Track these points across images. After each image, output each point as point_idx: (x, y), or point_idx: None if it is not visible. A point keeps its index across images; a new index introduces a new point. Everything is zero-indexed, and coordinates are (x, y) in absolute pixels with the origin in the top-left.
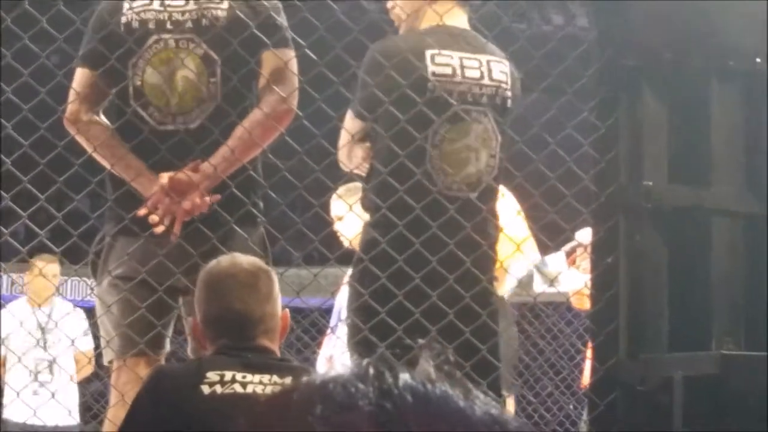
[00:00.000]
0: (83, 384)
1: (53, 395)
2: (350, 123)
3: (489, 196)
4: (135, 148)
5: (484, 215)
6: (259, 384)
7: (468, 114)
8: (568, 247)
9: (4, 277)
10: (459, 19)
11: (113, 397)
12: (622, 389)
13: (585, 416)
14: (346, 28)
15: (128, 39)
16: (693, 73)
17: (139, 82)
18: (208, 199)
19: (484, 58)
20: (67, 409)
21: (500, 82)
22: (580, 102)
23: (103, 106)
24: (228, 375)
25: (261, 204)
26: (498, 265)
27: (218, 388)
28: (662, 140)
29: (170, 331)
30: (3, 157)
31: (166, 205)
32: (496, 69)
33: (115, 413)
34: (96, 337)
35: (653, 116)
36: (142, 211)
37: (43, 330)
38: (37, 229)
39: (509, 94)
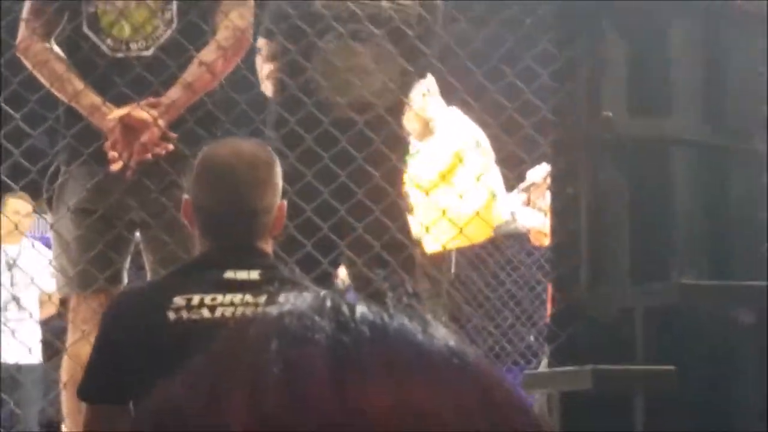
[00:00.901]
0: (45, 322)
1: (13, 333)
2: (261, 42)
3: (384, 120)
4: (90, 76)
5: (377, 138)
6: (230, 306)
7: (359, 35)
8: (522, 186)
9: None
10: None
11: (72, 333)
12: (584, 321)
13: (546, 348)
14: None
15: None
16: (652, 4)
17: (92, 9)
18: (167, 145)
19: None
20: (29, 346)
21: (402, 4)
22: (539, 34)
23: (56, 34)
24: (195, 299)
25: (219, 135)
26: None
27: (184, 314)
28: (621, 72)
29: (127, 265)
30: None
31: (123, 142)
32: None
33: (75, 349)
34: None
35: (612, 47)
36: (107, 147)
37: (10, 267)
38: None
39: (413, 19)
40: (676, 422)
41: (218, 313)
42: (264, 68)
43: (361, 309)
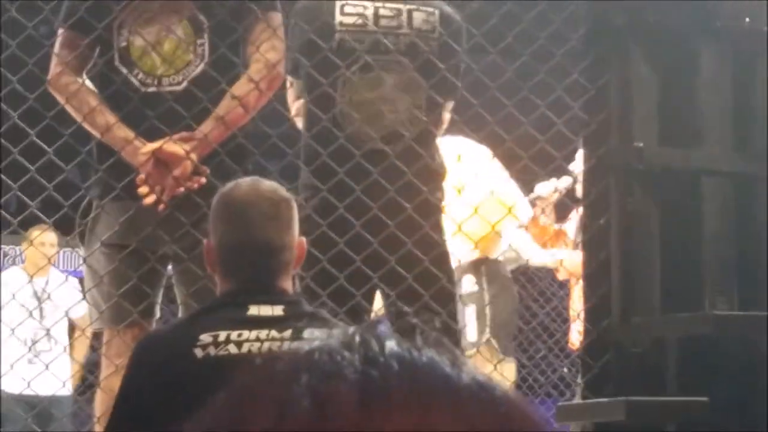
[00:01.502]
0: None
1: (47, 366)
2: (288, 79)
3: (412, 149)
4: (121, 111)
5: (410, 166)
6: (256, 341)
7: (381, 64)
8: (529, 197)
9: None
10: None
11: (105, 368)
12: (616, 352)
13: (579, 379)
14: None
15: (112, 2)
16: (681, 32)
17: (124, 44)
18: (200, 179)
19: (405, 6)
20: (61, 379)
21: (422, 31)
22: (569, 64)
23: (87, 69)
24: (222, 335)
25: (251, 169)
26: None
27: (212, 350)
28: (652, 101)
29: (160, 299)
30: None
31: (156, 176)
32: (419, 17)
33: (108, 383)
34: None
35: (643, 77)
36: (140, 186)
37: (39, 299)
38: (27, 200)
39: (434, 44)
40: None
41: (245, 348)
42: (294, 105)
43: (390, 343)
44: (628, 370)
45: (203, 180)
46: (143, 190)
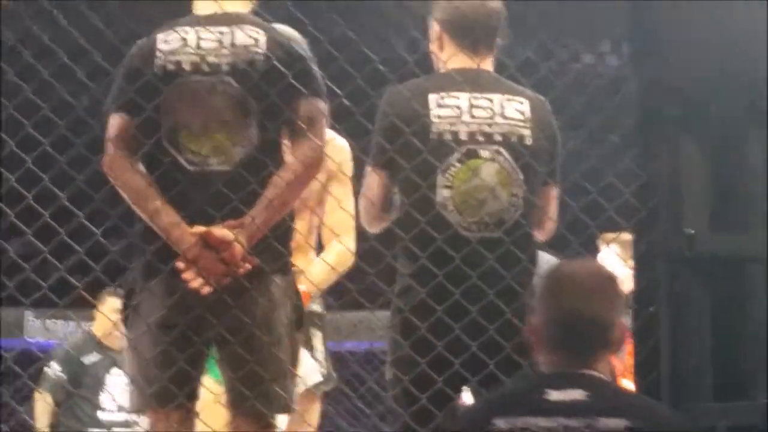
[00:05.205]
0: None
1: None
2: (370, 177)
3: (517, 234)
4: (168, 192)
5: (514, 253)
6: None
7: (479, 153)
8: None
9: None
10: (484, 62)
11: None
12: None
13: None
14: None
15: (163, 83)
16: (729, 116)
17: (171, 124)
18: (248, 265)
19: (496, 97)
20: None
21: (515, 120)
22: (620, 149)
23: (141, 152)
24: (519, 422)
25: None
26: None
27: None
28: (702, 187)
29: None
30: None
31: (203, 260)
32: (510, 107)
33: None
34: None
35: (693, 162)
36: (180, 266)
37: None
38: (73, 281)
39: (527, 132)
40: None
41: None
42: (375, 202)
43: None
44: None
45: (249, 266)
46: (188, 275)
